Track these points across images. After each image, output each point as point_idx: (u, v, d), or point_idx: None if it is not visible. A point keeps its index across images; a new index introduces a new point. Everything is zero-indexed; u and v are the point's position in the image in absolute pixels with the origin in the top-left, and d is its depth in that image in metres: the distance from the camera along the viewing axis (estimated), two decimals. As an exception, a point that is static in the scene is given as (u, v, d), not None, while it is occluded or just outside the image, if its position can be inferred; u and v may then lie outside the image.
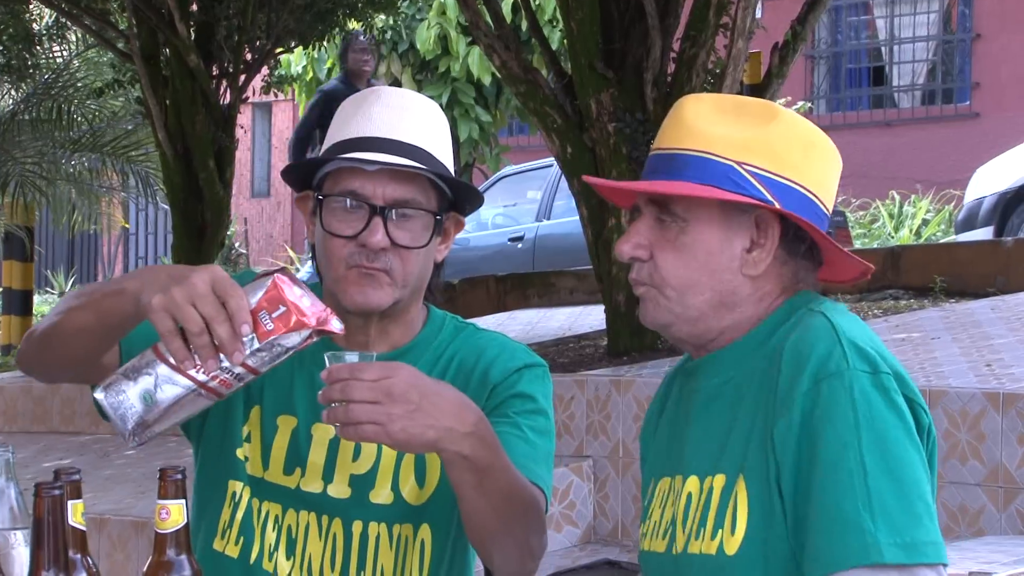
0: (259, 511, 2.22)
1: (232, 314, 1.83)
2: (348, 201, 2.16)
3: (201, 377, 1.84)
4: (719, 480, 1.88)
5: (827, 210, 1.93)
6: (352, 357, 1.90)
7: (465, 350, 2.26)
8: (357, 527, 2.19)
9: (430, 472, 2.20)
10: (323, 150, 2.23)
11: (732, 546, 1.84)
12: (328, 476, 2.20)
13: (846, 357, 1.79)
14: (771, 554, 1.83)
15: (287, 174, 2.29)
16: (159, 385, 1.84)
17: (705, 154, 1.88)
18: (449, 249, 2.29)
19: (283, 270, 1.91)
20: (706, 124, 1.90)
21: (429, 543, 2.22)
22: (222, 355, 1.83)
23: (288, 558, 2.20)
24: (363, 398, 1.85)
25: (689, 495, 1.92)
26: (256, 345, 1.84)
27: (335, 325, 1.88)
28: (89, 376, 2.09)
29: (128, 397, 1.85)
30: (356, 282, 2.17)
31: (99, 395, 1.85)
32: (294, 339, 1.85)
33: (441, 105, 15.47)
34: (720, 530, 1.85)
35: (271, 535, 2.20)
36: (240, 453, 2.24)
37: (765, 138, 1.89)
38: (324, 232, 2.19)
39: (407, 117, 2.18)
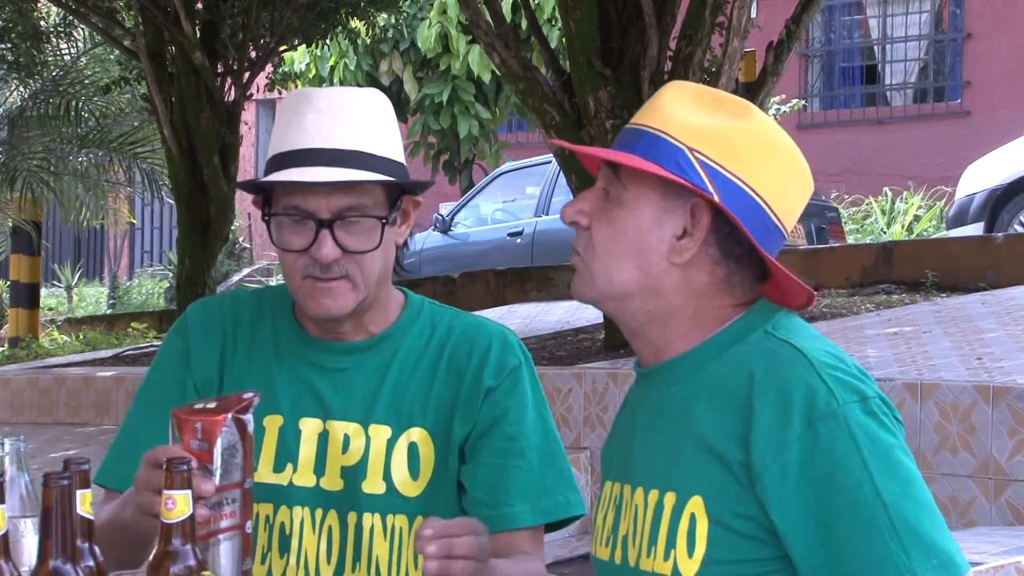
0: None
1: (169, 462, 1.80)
2: (297, 216, 2.13)
3: (213, 527, 1.87)
4: (670, 498, 1.82)
5: (780, 223, 1.84)
6: None
7: (455, 340, 2.24)
8: (352, 519, 2.18)
9: (424, 464, 2.19)
10: (266, 159, 2.19)
11: (689, 568, 1.79)
12: (319, 470, 2.19)
13: (833, 393, 1.75)
14: None
15: (242, 189, 2.29)
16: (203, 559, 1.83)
17: (660, 133, 1.83)
18: (410, 228, 2.25)
19: (177, 408, 1.94)
20: (674, 107, 1.85)
21: None
22: (202, 501, 1.84)
23: (282, 556, 2.19)
24: (465, 554, 1.93)
25: (636, 507, 1.87)
26: (214, 466, 1.87)
27: (246, 396, 1.92)
28: None
29: None
30: (312, 294, 2.15)
31: None
32: (229, 437, 1.88)
33: (442, 102, 15.44)
34: (672, 550, 1.81)
35: (263, 536, 2.19)
36: None
37: (726, 132, 1.82)
38: (277, 247, 2.17)
39: (340, 120, 2.13)
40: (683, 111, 1.84)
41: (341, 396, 2.19)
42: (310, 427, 2.19)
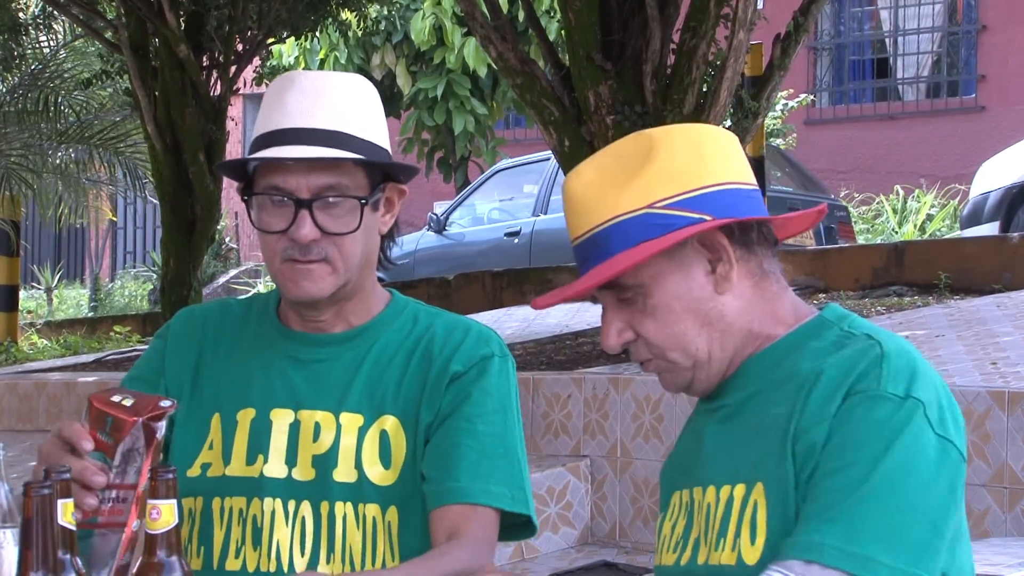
0: (222, 510, 2.24)
1: (69, 441, 1.91)
2: (276, 196, 2.18)
3: (98, 519, 1.92)
4: (740, 489, 1.87)
5: (750, 185, 1.93)
6: None
7: (431, 334, 2.28)
8: (324, 508, 2.21)
9: (395, 454, 2.22)
10: (250, 143, 2.24)
11: (752, 555, 1.83)
12: (291, 460, 2.23)
13: (880, 378, 1.79)
14: None
15: (223, 172, 2.36)
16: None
17: (616, 220, 1.88)
18: (395, 218, 2.29)
19: (104, 391, 2.00)
20: (598, 193, 1.90)
21: (396, 526, 2.22)
22: (95, 490, 1.91)
23: (255, 548, 2.22)
24: None
25: (709, 506, 1.91)
26: (114, 463, 1.91)
27: (163, 404, 1.94)
28: None
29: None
30: (291, 276, 2.19)
31: None
32: (137, 439, 1.91)
33: (436, 97, 15.53)
34: (738, 540, 1.85)
35: (236, 531, 2.23)
36: (191, 472, 2.26)
37: (655, 169, 1.89)
38: (257, 228, 2.22)
39: (322, 101, 2.18)
40: (609, 191, 1.89)
41: (314, 386, 2.24)
42: (281, 417, 2.23)
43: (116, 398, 1.94)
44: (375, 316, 2.29)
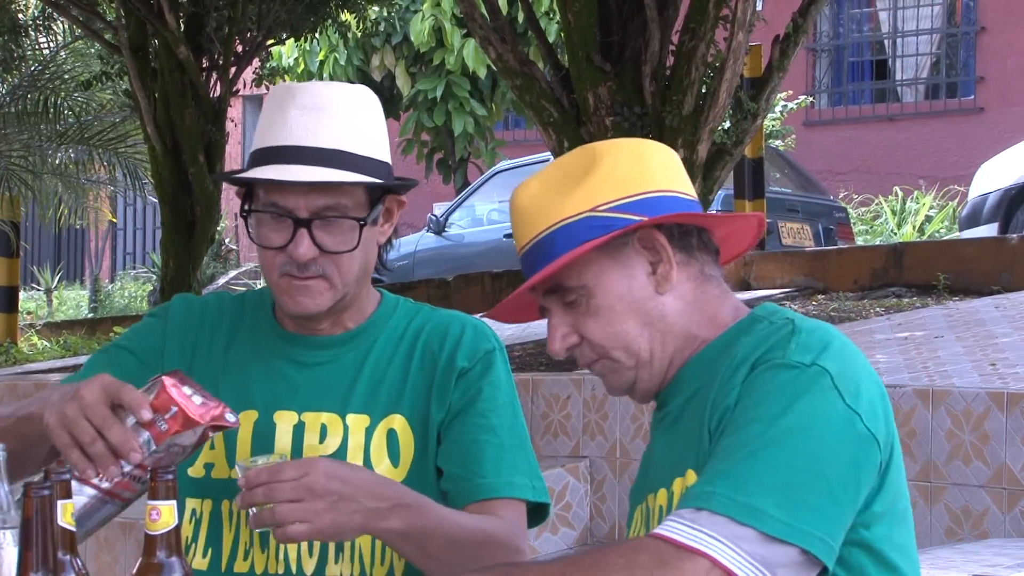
0: (229, 513, 2.25)
1: (129, 407, 1.90)
2: (275, 212, 2.20)
3: (105, 484, 1.93)
4: (678, 484, 1.91)
5: (690, 196, 2.00)
6: (263, 460, 1.98)
7: (429, 330, 2.30)
8: None
9: (404, 451, 2.23)
10: (248, 153, 2.24)
11: None
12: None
13: (787, 349, 1.83)
14: None
15: (221, 180, 2.29)
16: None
17: (559, 224, 1.94)
18: (393, 226, 2.31)
19: (173, 372, 1.99)
20: (543, 201, 1.96)
21: None
22: (122, 460, 1.91)
23: (263, 551, 2.22)
24: (287, 498, 1.93)
25: (661, 508, 1.95)
26: (154, 447, 1.91)
27: (229, 418, 1.96)
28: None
29: None
30: (289, 291, 2.20)
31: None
32: (189, 438, 1.92)
33: (436, 99, 15.48)
34: None
35: (245, 533, 2.23)
36: (193, 472, 2.27)
37: (598, 177, 1.95)
38: (256, 243, 2.24)
39: (324, 119, 2.18)
40: (553, 199, 1.95)
41: (317, 388, 2.25)
42: (285, 420, 2.24)
43: (187, 390, 1.94)
44: (369, 317, 2.30)
